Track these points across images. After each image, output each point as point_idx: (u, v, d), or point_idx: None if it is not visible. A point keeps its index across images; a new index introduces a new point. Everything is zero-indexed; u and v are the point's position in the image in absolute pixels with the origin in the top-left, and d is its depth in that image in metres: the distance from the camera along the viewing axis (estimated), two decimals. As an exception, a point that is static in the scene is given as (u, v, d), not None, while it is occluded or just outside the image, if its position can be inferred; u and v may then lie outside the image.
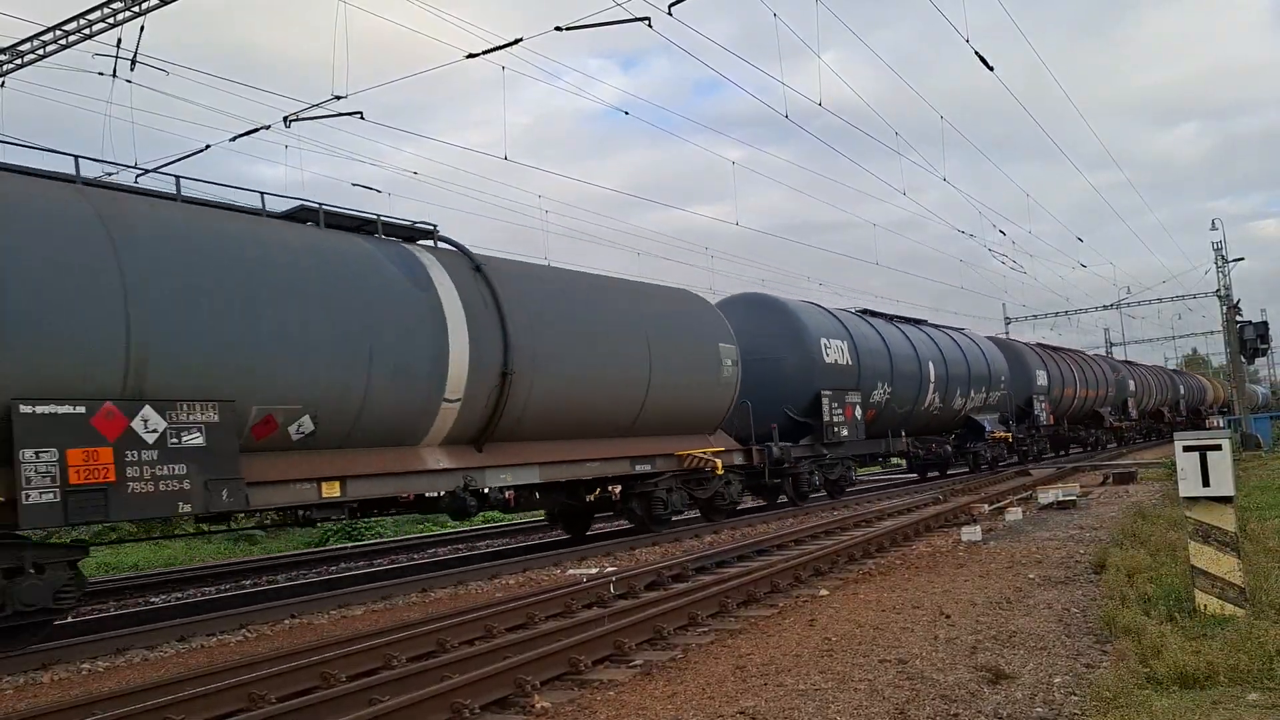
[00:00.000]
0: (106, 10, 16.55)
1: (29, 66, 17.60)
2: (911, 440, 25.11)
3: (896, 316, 26.87)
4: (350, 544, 19.07)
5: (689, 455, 16.29)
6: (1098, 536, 12.00)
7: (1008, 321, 55.83)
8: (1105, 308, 55.61)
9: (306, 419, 10.48)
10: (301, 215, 11.71)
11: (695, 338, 16.66)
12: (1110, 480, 21.44)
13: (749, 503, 21.48)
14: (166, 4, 15.90)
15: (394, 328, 11.33)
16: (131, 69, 16.13)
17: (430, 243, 13.11)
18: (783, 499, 20.60)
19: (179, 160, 18.88)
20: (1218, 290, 40.33)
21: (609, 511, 16.62)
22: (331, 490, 10.86)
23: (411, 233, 12.99)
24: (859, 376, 21.72)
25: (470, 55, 16.63)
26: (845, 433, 20.76)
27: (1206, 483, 6.68)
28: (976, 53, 18.78)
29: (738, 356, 17.67)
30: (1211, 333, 63.47)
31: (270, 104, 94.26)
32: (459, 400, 12.17)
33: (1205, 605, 6.58)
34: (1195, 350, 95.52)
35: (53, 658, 8.22)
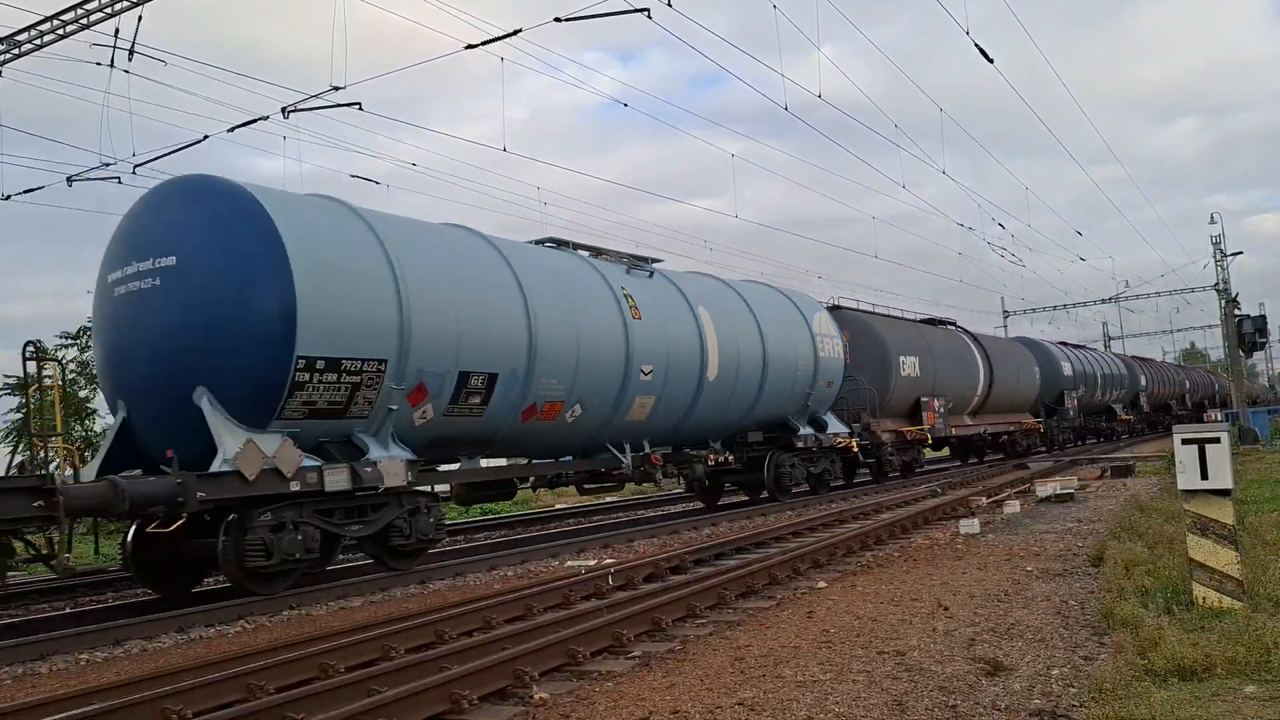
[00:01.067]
0: None
1: (26, 57, 17.54)
2: (1084, 418, 41.38)
3: (1076, 344, 43.89)
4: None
5: (1025, 423, 33.08)
6: (1095, 530, 12.01)
7: (1006, 315, 55.82)
8: (1104, 301, 55.66)
9: (940, 401, 25.99)
10: (935, 321, 29.68)
11: (1029, 365, 34.30)
12: (1108, 474, 21.46)
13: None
14: (164, -6, 15.86)
15: (969, 369, 28.53)
16: (129, 59, 16.06)
17: (953, 326, 30.86)
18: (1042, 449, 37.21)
19: (177, 151, 18.76)
20: (1216, 284, 40.28)
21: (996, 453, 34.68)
22: (951, 432, 27.07)
23: (943, 321, 30.32)
24: (1074, 381, 38.39)
25: (469, 46, 16.56)
26: (1071, 414, 37.81)
27: (1205, 476, 6.68)
28: (976, 44, 18.70)
29: (1039, 373, 34.91)
30: (1209, 326, 63.55)
31: (268, 95, 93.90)
32: (979, 395, 29.07)
33: (1203, 598, 6.58)
34: (1193, 344, 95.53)
35: (51, 649, 8.22)
